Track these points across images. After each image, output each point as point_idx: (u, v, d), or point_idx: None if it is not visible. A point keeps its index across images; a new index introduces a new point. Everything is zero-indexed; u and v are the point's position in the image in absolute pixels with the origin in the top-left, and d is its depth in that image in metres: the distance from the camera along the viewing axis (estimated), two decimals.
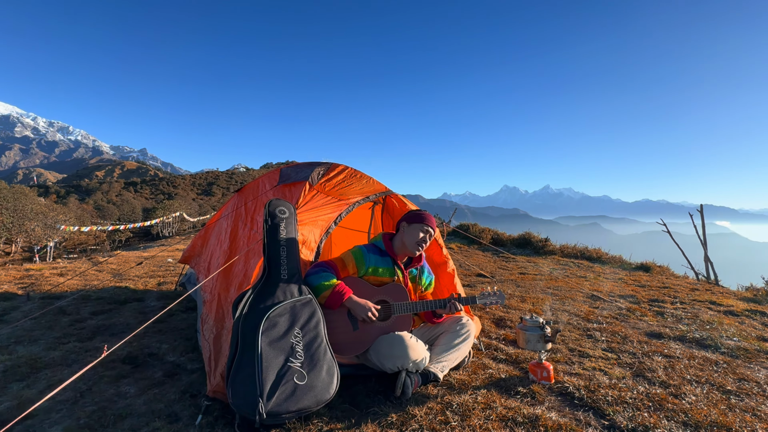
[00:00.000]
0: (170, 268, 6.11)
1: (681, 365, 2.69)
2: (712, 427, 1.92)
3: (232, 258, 3.26)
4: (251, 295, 2.14)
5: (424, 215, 2.66)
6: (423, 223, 2.59)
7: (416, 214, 2.68)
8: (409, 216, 2.68)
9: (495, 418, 1.98)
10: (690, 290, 5.53)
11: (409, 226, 2.62)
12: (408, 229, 2.61)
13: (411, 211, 2.73)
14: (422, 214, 2.67)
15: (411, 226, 2.62)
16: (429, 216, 2.66)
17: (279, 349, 1.97)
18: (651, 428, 1.89)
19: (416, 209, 2.83)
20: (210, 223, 4.38)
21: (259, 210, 3.40)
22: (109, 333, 3.04)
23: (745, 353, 2.94)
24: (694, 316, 3.99)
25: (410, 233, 2.59)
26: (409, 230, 2.60)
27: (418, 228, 2.58)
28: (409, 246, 2.57)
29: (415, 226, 2.59)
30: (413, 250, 2.58)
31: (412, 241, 2.56)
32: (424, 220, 2.61)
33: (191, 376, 2.35)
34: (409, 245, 2.57)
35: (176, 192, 60.26)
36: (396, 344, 2.23)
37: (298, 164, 3.85)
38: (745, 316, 4.09)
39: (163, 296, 4.24)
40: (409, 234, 2.59)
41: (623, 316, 3.98)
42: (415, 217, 2.64)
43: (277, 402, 1.81)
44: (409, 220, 2.65)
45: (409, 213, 2.71)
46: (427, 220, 2.62)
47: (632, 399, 2.19)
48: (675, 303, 4.62)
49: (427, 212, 2.69)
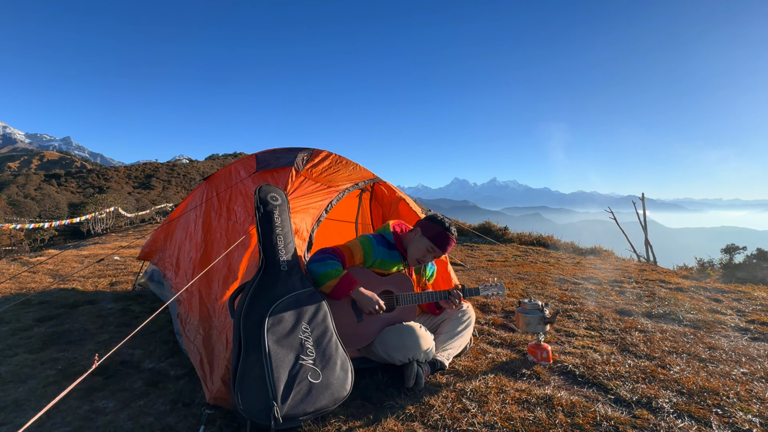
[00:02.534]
0: (120, 266, 5.50)
1: (657, 338, 2.90)
2: (703, 392, 2.07)
3: (208, 251, 2.98)
4: (250, 291, 1.94)
5: (445, 238, 2.34)
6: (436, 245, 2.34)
7: (438, 233, 2.34)
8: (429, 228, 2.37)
9: (510, 401, 1.98)
10: (639, 271, 6.04)
11: (422, 238, 2.37)
12: (419, 239, 2.38)
13: (435, 224, 2.38)
14: (444, 236, 2.34)
15: (423, 238, 2.36)
16: (450, 240, 2.35)
17: (288, 346, 1.80)
18: (654, 399, 1.99)
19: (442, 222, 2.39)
20: (174, 215, 3.97)
21: (236, 199, 3.13)
22: (65, 341, 2.63)
23: (705, 324, 3.25)
24: (652, 294, 4.35)
25: (419, 246, 2.38)
26: (420, 241, 2.38)
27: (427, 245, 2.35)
28: (410, 255, 2.43)
29: (425, 242, 2.36)
30: (412, 262, 2.45)
31: (415, 254, 2.41)
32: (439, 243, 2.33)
33: (178, 384, 2.09)
34: (411, 254, 2.42)
35: (109, 185, 54.86)
36: (407, 335, 2.15)
37: (274, 150, 3.60)
38: (693, 291, 4.54)
39: (119, 297, 3.78)
40: (418, 246, 2.39)
41: (592, 297, 4.23)
42: (434, 235, 2.34)
43: (292, 404, 1.65)
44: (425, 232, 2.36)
45: (432, 225, 2.38)
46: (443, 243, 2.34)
47: (627, 373, 2.31)
48: (631, 283, 5.01)
49: (451, 235, 2.36)
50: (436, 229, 2.36)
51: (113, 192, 39.57)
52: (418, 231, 2.41)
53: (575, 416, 1.84)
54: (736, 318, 3.46)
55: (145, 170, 65.29)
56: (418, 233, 2.41)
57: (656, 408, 1.92)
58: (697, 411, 1.89)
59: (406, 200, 3.28)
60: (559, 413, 1.87)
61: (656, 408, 1.92)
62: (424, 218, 2.48)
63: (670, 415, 1.86)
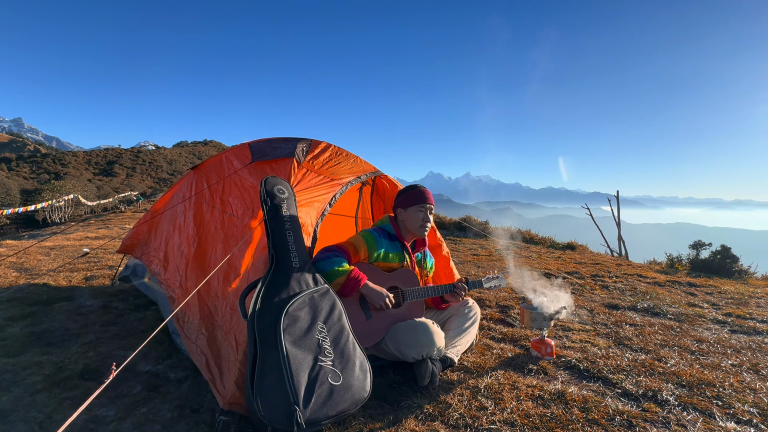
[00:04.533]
0: (93, 259, 5.15)
1: (647, 332, 3.02)
2: (701, 385, 2.17)
3: (203, 245, 2.82)
4: (262, 289, 1.84)
5: (419, 193, 2.42)
6: (418, 203, 2.41)
7: (410, 196, 2.45)
8: (402, 200, 2.47)
9: (524, 397, 2.00)
10: (616, 266, 6.31)
11: (405, 211, 2.44)
12: (405, 214, 2.44)
13: (403, 193, 2.50)
14: (416, 193, 2.43)
15: (407, 210, 2.44)
16: (424, 192, 2.44)
17: (305, 347, 1.73)
18: (658, 392, 2.07)
19: (407, 188, 2.55)
20: (157, 207, 3.74)
21: (231, 190, 2.97)
22: (45, 342, 2.41)
23: (687, 318, 3.42)
24: (633, 288, 4.54)
25: (410, 217, 2.42)
26: (407, 215, 2.43)
27: (417, 210, 2.41)
28: (414, 230, 2.43)
29: (412, 209, 2.42)
30: (420, 232, 2.45)
31: (416, 225, 2.42)
32: (418, 201, 2.41)
33: (181, 388, 1.97)
34: (413, 229, 2.43)
35: (66, 171, 51.37)
36: (421, 332, 2.12)
37: (269, 139, 3.45)
38: (669, 285, 4.78)
39: (98, 293, 3.53)
40: (410, 218, 2.42)
41: (579, 291, 4.37)
42: (408, 199, 2.44)
43: (314, 408, 1.58)
44: (403, 205, 2.45)
45: (402, 196, 2.49)
46: (421, 198, 2.41)
47: (628, 366, 2.39)
48: (612, 277, 5.21)
49: (421, 187, 2.47)
50: (404, 196, 2.48)
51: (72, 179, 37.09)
52: (399, 211, 2.48)
53: (589, 411, 1.88)
54: (713, 311, 3.66)
55: (106, 156, 61.58)
56: (401, 212, 2.47)
57: (662, 401, 1.99)
58: (699, 403, 1.98)
59: None
60: (573, 408, 1.90)
61: (662, 401, 1.99)
62: (396, 198, 2.53)
63: (677, 408, 1.93)
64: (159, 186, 52.18)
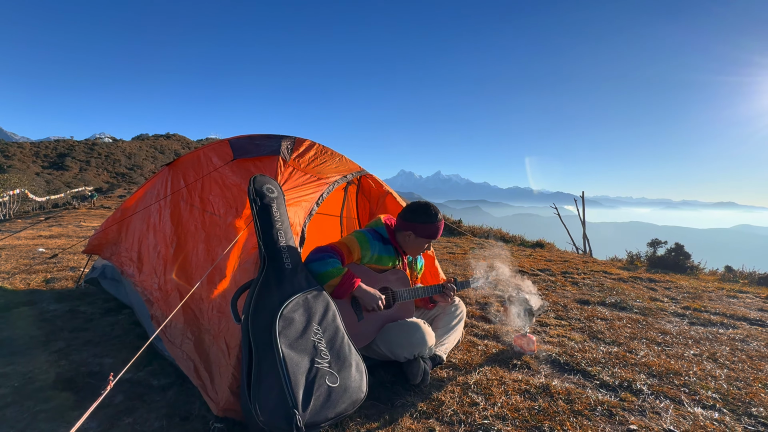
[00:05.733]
0: (51, 260, 4.79)
1: (617, 326, 3.21)
2: (669, 374, 2.34)
3: (182, 245, 2.71)
4: (255, 291, 1.79)
5: (436, 230, 2.32)
6: (430, 238, 2.35)
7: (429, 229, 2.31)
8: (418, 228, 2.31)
9: (512, 392, 2.07)
10: (583, 263, 6.64)
11: (417, 239, 2.35)
12: (415, 240, 2.36)
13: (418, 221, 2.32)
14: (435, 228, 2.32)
15: (418, 239, 2.35)
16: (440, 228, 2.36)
17: (301, 350, 1.70)
18: (632, 382, 2.21)
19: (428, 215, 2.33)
20: (128, 205, 3.54)
21: (211, 188, 2.87)
22: (9, 351, 2.21)
23: (650, 311, 3.66)
24: (600, 284, 4.81)
25: (417, 245, 2.38)
26: (416, 242, 2.37)
27: (425, 242, 2.38)
28: (411, 252, 2.46)
29: (423, 240, 2.36)
30: (414, 255, 2.52)
31: (418, 250, 2.44)
32: (433, 236, 2.33)
33: (166, 395, 1.88)
34: (412, 252, 2.45)
35: (11, 164, 47.35)
36: (413, 332, 2.15)
37: (250, 136, 3.36)
38: (632, 281, 5.10)
39: (62, 297, 3.29)
40: (416, 245, 2.39)
41: (552, 288, 4.57)
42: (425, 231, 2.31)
43: (313, 411, 1.57)
44: (417, 232, 2.32)
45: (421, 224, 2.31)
46: (435, 235, 2.33)
47: (603, 359, 2.53)
48: (580, 274, 5.49)
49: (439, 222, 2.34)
50: (428, 228, 2.31)
51: (17, 172, 34.32)
52: (411, 236, 2.35)
53: (573, 403, 1.98)
54: (673, 305, 3.95)
55: (57, 148, 57.30)
56: (411, 237, 2.35)
57: (637, 390, 2.13)
58: (669, 391, 2.13)
59: (393, 194, 3.25)
60: (559, 401, 2.00)
61: (637, 390, 2.13)
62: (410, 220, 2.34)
63: (650, 396, 2.08)
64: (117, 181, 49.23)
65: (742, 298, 4.36)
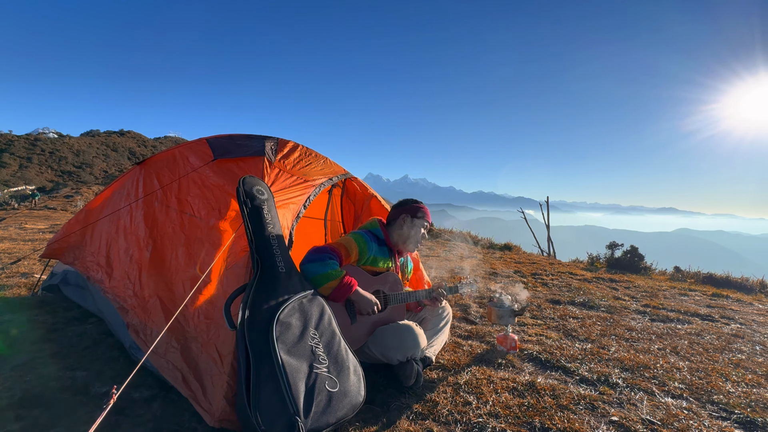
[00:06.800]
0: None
1: (588, 324, 3.40)
2: (639, 368, 2.51)
3: (159, 248, 2.57)
4: (249, 297, 1.74)
5: (426, 209, 2.54)
6: (426, 219, 2.50)
7: (418, 207, 2.51)
8: (411, 209, 2.49)
9: (501, 390, 2.14)
10: (549, 264, 6.97)
11: (413, 221, 2.45)
12: (412, 224, 2.45)
13: (410, 205, 2.53)
14: (423, 208, 2.53)
15: (414, 221, 2.46)
16: (427, 210, 2.56)
17: (300, 355, 1.67)
18: (608, 376, 2.35)
19: (409, 200, 2.61)
20: (93, 206, 3.31)
21: (190, 189, 2.75)
22: None
23: (616, 310, 3.91)
24: (568, 285, 5.06)
25: (415, 229, 2.45)
26: (413, 225, 2.45)
27: (422, 224, 2.48)
28: (410, 242, 2.47)
29: (419, 222, 2.46)
30: (413, 247, 2.50)
31: (415, 238, 2.46)
32: (427, 215, 2.52)
33: (151, 408, 1.77)
34: (410, 241, 2.46)
35: None
36: (407, 335, 2.16)
37: (230, 136, 3.26)
38: (596, 281, 5.42)
39: (16, 306, 3.00)
40: (415, 229, 2.45)
41: (525, 288, 4.76)
42: (419, 211, 2.48)
43: (315, 417, 1.54)
44: (412, 213, 2.46)
45: (411, 206, 2.51)
46: (429, 215, 2.54)
47: (580, 355, 2.67)
48: (549, 275, 5.75)
49: (423, 204, 2.57)
50: (413, 206, 2.51)
51: None
52: (407, 218, 2.47)
53: (559, 398, 2.08)
54: (634, 303, 4.24)
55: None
56: (407, 219, 2.46)
57: (613, 384, 2.27)
58: (641, 383, 2.29)
59: (378, 197, 3.27)
60: (545, 397, 2.08)
61: (613, 384, 2.27)
62: (402, 207, 2.52)
63: (626, 389, 2.22)
64: (63, 180, 45.63)
65: (691, 296, 4.76)
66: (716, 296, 4.81)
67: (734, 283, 6.16)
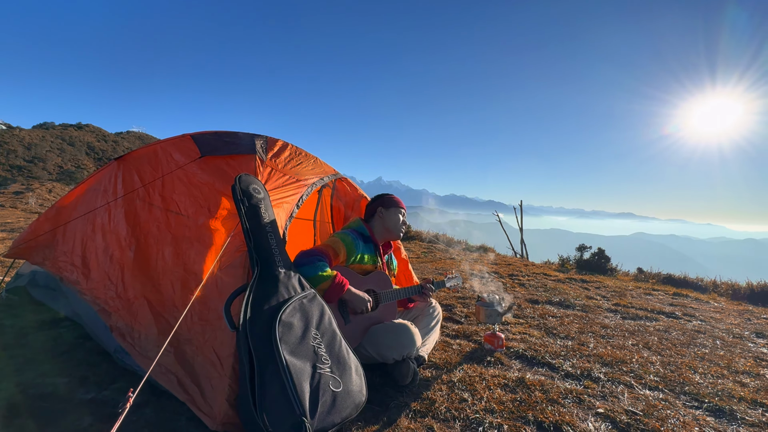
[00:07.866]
0: None
1: (566, 322, 3.56)
2: (617, 363, 2.65)
3: (143, 248, 2.47)
4: (249, 297, 1.71)
5: (397, 199, 2.71)
6: (399, 206, 2.64)
7: (390, 198, 2.70)
8: (384, 201, 2.66)
9: (493, 387, 2.21)
10: (524, 266, 7.21)
11: (387, 211, 2.62)
12: (387, 213, 2.61)
13: (382, 197, 2.72)
14: (394, 197, 2.72)
15: (389, 210, 2.62)
16: (400, 200, 2.73)
17: (303, 355, 1.66)
18: (591, 371, 2.48)
19: (382, 194, 2.82)
20: (65, 203, 3.11)
21: (176, 187, 2.66)
22: None
23: (590, 308, 4.11)
24: (544, 285, 5.27)
25: (391, 217, 2.60)
26: (389, 214, 2.61)
27: (397, 211, 2.62)
28: (394, 230, 2.59)
29: (393, 210, 2.61)
30: (398, 233, 2.62)
31: (396, 225, 2.60)
32: (399, 203, 2.67)
33: (143, 414, 1.69)
34: (393, 229, 2.59)
35: None
36: (403, 334, 2.19)
37: (216, 132, 3.17)
38: (568, 282, 5.66)
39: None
40: (390, 218, 2.60)
41: (504, 289, 4.91)
42: (391, 201, 2.65)
43: (320, 417, 1.54)
44: (385, 205, 2.64)
45: (382, 198, 2.69)
46: (400, 203, 2.69)
47: (563, 352, 2.79)
48: (525, 276, 5.96)
49: (395, 195, 2.76)
50: (384, 198, 2.67)
51: None
52: (381, 210, 2.62)
53: (548, 393, 2.17)
54: (605, 302, 4.47)
55: None
56: (382, 211, 2.61)
57: (596, 378, 2.39)
58: (621, 377, 2.43)
59: (367, 199, 3.28)
60: (535, 392, 2.17)
61: (596, 378, 2.39)
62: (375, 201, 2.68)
63: (607, 383, 2.34)
64: (12, 175, 42.37)
65: (655, 295, 5.07)
66: (677, 295, 5.16)
67: (691, 283, 6.63)
